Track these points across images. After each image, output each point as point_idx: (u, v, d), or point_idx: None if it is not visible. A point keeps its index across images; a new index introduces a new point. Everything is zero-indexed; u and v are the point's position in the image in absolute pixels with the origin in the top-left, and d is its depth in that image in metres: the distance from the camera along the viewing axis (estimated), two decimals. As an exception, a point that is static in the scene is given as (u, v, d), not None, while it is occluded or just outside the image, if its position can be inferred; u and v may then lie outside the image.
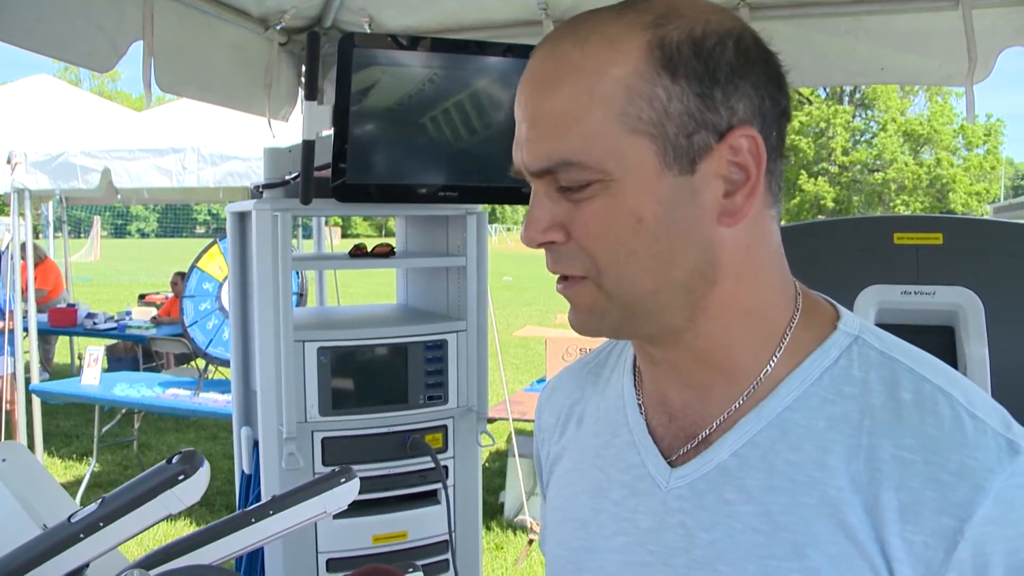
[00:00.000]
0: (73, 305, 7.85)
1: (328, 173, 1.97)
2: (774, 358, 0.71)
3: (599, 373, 0.87)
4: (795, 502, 0.67)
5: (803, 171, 33.64)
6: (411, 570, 1.31)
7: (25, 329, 5.53)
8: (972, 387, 0.69)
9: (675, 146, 0.65)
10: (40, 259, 8.24)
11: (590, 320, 0.71)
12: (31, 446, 5.25)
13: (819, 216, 32.06)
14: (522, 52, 2.05)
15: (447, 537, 2.14)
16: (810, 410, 0.69)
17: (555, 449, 0.88)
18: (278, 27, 2.51)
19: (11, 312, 5.35)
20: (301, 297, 4.99)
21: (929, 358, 0.71)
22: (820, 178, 33.95)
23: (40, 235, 10.26)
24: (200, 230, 46.34)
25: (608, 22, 0.66)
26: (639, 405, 0.79)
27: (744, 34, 0.67)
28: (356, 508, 1.50)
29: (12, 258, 5.40)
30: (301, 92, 2.69)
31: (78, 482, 5.24)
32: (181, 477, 1.08)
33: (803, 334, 0.72)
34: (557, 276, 0.72)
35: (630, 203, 0.65)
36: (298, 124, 2.18)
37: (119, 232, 50.93)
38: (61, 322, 7.48)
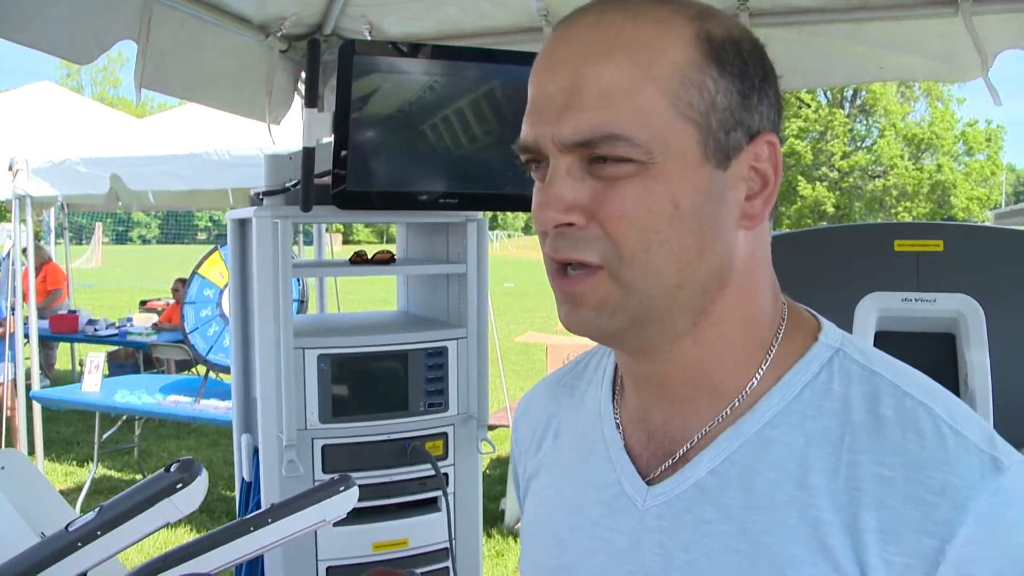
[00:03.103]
0: (74, 311, 7.84)
1: (328, 180, 1.97)
2: (760, 371, 0.69)
3: (575, 386, 0.85)
4: (774, 522, 0.65)
5: (802, 177, 33.60)
6: (410, 578, 1.31)
7: (26, 335, 5.53)
8: (956, 402, 0.67)
9: (716, 139, 0.63)
10: (45, 261, 8.26)
11: (598, 318, 0.65)
12: (31, 452, 5.25)
13: (820, 222, 32.06)
14: (522, 59, 2.05)
15: (447, 544, 2.13)
16: (790, 426, 0.67)
17: (531, 464, 0.85)
18: (279, 34, 2.51)
19: (12, 318, 5.35)
20: (302, 304, 4.98)
21: (912, 372, 0.69)
22: (820, 184, 33.92)
23: (41, 241, 10.28)
24: (201, 236, 46.39)
25: (654, 5, 0.65)
26: (616, 422, 0.76)
27: (764, 48, 0.68)
28: (356, 515, 1.50)
29: (13, 264, 5.41)
30: (299, 98, 2.69)
31: (79, 488, 5.23)
32: (179, 486, 1.08)
33: (787, 346, 0.70)
34: (556, 267, 0.66)
35: (671, 188, 0.62)
36: (294, 127, 2.17)
37: (120, 238, 51.04)
38: (62, 328, 7.47)
